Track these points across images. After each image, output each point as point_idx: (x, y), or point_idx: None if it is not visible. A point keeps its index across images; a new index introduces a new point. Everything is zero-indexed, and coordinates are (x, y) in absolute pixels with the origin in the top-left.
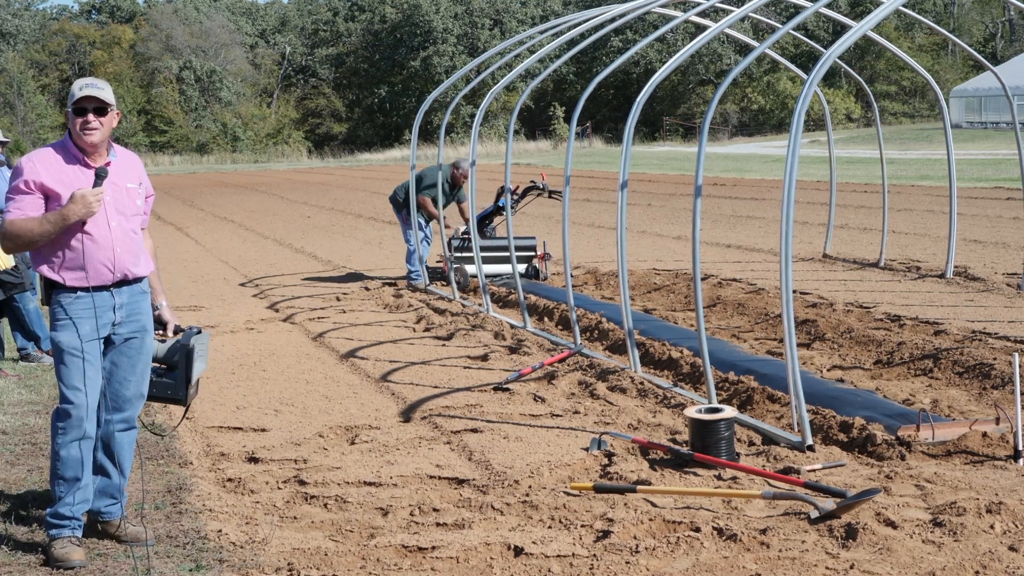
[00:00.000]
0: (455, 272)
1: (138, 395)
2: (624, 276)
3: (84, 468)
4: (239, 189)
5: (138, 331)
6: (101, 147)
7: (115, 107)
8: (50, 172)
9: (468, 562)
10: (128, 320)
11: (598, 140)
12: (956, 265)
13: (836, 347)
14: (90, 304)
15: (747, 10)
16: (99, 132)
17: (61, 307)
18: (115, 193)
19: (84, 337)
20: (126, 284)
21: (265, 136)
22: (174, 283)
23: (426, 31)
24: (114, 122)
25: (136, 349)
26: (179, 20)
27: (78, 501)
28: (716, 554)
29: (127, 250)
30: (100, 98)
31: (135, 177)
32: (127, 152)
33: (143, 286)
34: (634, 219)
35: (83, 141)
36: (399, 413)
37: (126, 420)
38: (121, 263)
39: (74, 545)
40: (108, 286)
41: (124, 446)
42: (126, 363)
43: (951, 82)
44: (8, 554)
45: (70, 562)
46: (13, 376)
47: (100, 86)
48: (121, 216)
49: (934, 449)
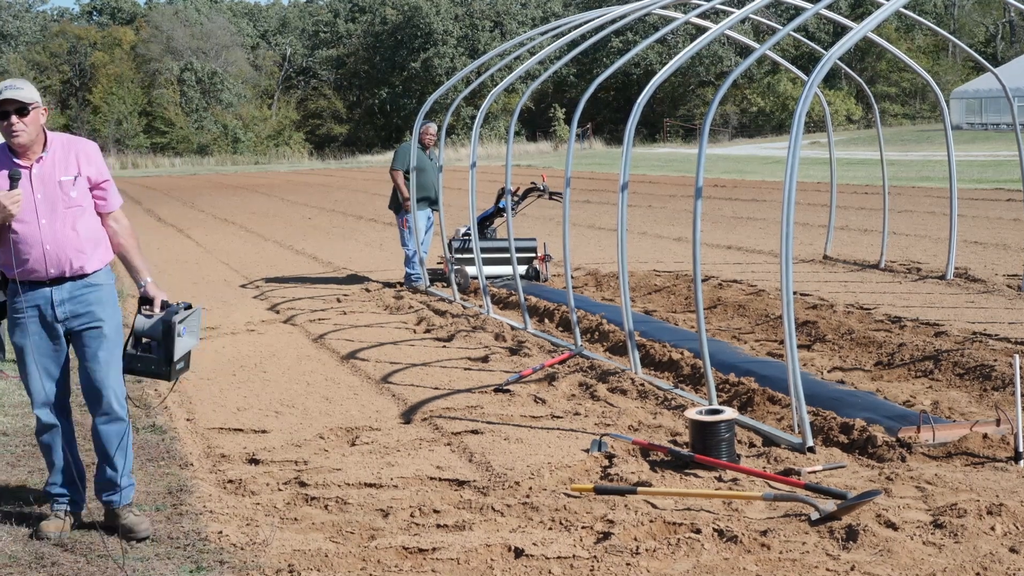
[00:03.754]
0: (456, 273)
1: (105, 383)
2: (624, 278)
3: (53, 452)
4: (240, 191)
5: (92, 323)
6: (33, 146)
7: (39, 104)
8: None
9: (469, 564)
10: (76, 314)
11: (598, 142)
12: (957, 267)
13: (837, 348)
14: (31, 300)
15: (747, 11)
16: (25, 134)
17: (11, 303)
18: (45, 190)
19: (31, 335)
20: (67, 280)
21: (266, 138)
22: (175, 285)
23: (426, 33)
24: (41, 119)
25: (94, 339)
26: (180, 22)
27: (61, 482)
28: (717, 556)
29: (62, 245)
30: (19, 99)
31: (72, 168)
32: (72, 141)
33: (94, 279)
34: (635, 220)
35: (12, 143)
36: (400, 414)
37: (105, 413)
38: (54, 260)
39: (57, 518)
40: (44, 282)
41: (109, 439)
42: (88, 354)
43: (952, 83)
44: (9, 556)
45: (42, 532)
46: (13, 377)
47: (19, 87)
48: (52, 212)
49: (935, 451)
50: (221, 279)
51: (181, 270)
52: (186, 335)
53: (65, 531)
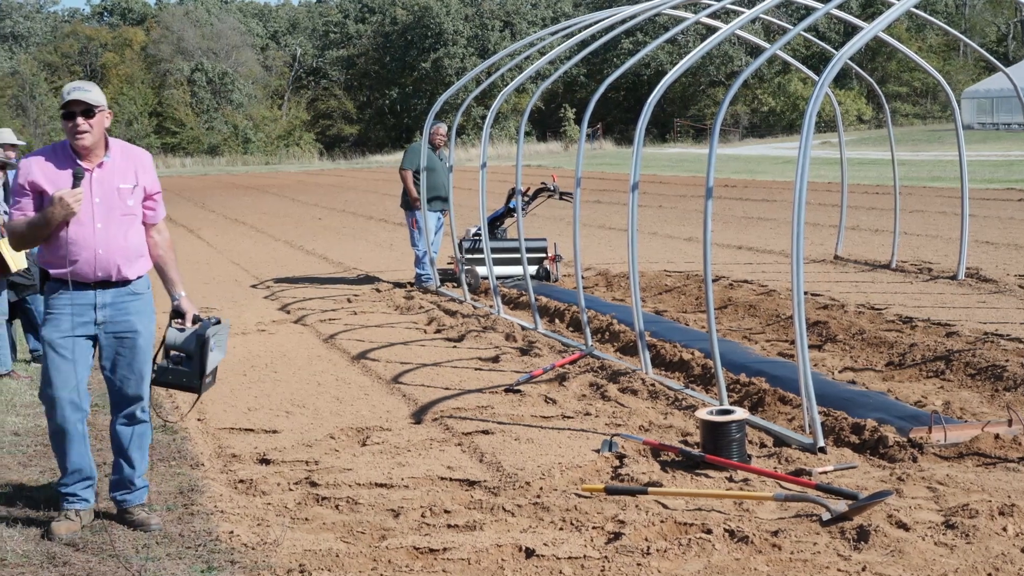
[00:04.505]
0: (466, 274)
1: (136, 394)
2: (635, 278)
3: (72, 451)
4: (250, 191)
5: (128, 331)
6: (95, 148)
7: (104, 107)
8: (44, 172)
9: (479, 564)
10: (113, 320)
11: (609, 142)
12: (968, 267)
13: (848, 349)
14: (69, 301)
15: (758, 11)
16: (89, 135)
17: (49, 300)
18: (104, 194)
19: (63, 332)
20: (110, 285)
21: (276, 138)
22: (186, 285)
23: (436, 33)
24: (105, 122)
25: (129, 349)
26: (190, 22)
27: (72, 481)
28: (728, 556)
29: (113, 251)
30: (86, 101)
31: (131, 177)
32: (130, 149)
33: (134, 287)
34: (645, 221)
35: (75, 144)
36: (410, 415)
37: (128, 416)
38: (103, 264)
39: (67, 520)
40: (90, 285)
41: (128, 439)
42: (121, 362)
43: (963, 83)
44: (21, 556)
45: (53, 533)
46: (25, 378)
47: (87, 88)
48: (108, 217)
49: (946, 451)
50: (232, 279)
51: (192, 270)
52: (215, 349)
53: (76, 531)
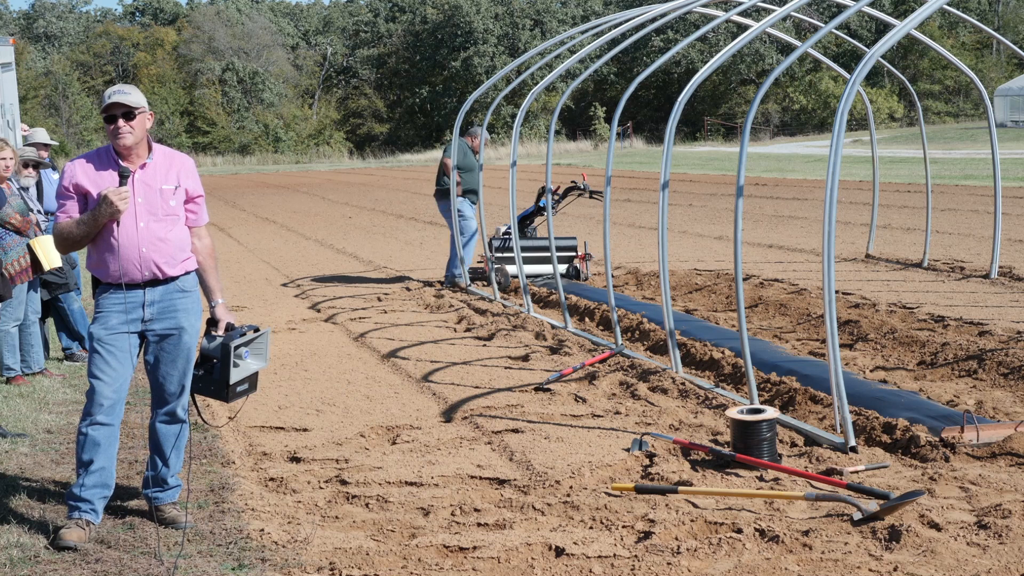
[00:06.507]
0: (496, 272)
1: (179, 391)
2: (665, 276)
3: (100, 453)
4: (281, 190)
5: (173, 328)
6: (137, 149)
7: (145, 109)
8: (87, 175)
9: (509, 562)
10: (160, 317)
11: (639, 140)
12: (1001, 265)
13: (879, 348)
14: (121, 300)
15: (789, 9)
16: (130, 136)
17: (99, 299)
18: (148, 194)
19: (111, 329)
20: (159, 283)
21: (307, 137)
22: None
23: (467, 32)
24: (147, 123)
25: (173, 345)
26: (221, 22)
27: (90, 485)
28: (758, 555)
29: (155, 250)
30: (126, 103)
31: (173, 179)
32: (172, 153)
33: (181, 284)
34: (675, 219)
35: (117, 145)
36: (440, 413)
37: (168, 414)
38: (148, 262)
39: (78, 527)
40: (140, 284)
41: (166, 438)
42: (165, 359)
43: (996, 81)
44: (52, 552)
45: (64, 542)
46: (58, 376)
47: (127, 91)
48: (151, 217)
49: (978, 451)
50: (262, 278)
51: (223, 269)
52: (249, 358)
53: (84, 541)
